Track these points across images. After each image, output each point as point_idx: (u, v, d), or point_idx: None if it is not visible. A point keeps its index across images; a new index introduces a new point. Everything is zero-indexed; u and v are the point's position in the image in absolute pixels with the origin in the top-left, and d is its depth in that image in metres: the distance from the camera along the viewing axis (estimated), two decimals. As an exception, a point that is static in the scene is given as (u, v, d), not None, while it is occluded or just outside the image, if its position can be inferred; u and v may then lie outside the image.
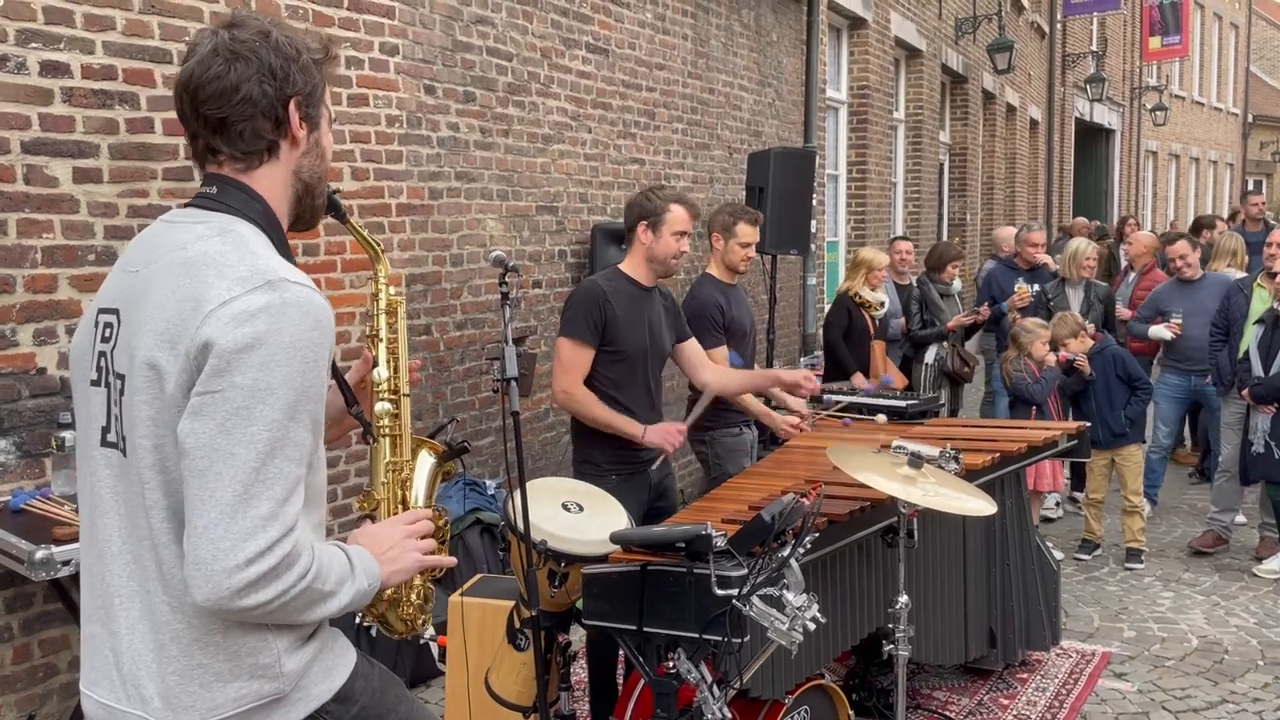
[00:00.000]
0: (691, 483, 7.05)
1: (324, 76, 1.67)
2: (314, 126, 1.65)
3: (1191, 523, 6.50)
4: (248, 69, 1.55)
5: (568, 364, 3.51)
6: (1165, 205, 24.81)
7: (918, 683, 4.17)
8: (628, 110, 6.28)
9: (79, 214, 3.41)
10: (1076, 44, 18.63)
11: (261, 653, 1.53)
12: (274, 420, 1.42)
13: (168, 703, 1.51)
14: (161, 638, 1.51)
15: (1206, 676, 4.32)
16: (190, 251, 1.51)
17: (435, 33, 4.83)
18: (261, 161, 1.61)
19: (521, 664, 2.79)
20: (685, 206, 3.67)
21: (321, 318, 1.50)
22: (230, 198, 1.59)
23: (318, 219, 1.75)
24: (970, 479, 3.38)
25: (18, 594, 3.27)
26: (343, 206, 1.90)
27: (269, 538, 1.41)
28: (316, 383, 1.49)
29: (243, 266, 1.47)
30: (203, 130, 1.59)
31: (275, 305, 1.44)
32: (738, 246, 4.36)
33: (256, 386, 1.41)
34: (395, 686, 1.78)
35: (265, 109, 1.57)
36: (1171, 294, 6.55)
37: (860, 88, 9.94)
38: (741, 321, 4.37)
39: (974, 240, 13.64)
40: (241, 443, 1.41)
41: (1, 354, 3.22)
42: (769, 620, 2.28)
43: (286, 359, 1.43)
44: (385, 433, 1.88)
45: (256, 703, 1.53)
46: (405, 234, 4.71)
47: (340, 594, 1.53)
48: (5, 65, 3.20)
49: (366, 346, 1.93)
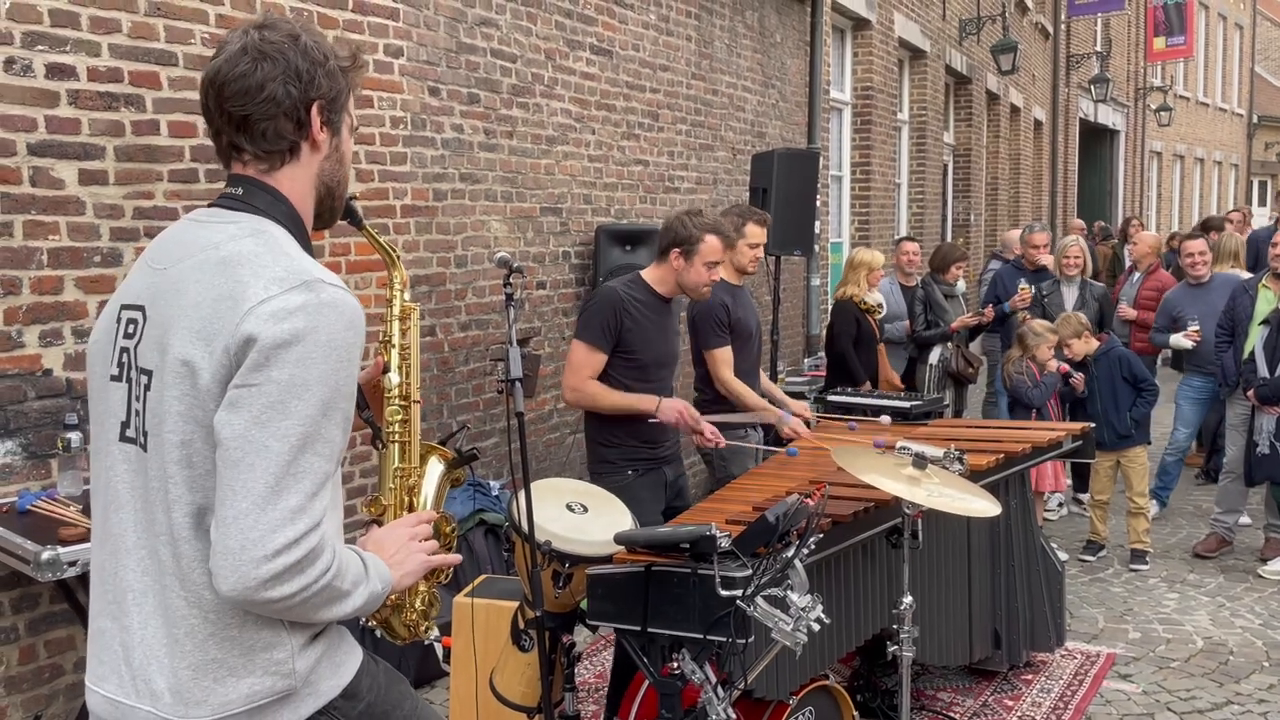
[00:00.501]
0: (695, 484, 7.05)
1: (350, 84, 1.68)
2: (335, 132, 1.67)
3: (1197, 524, 6.48)
4: (274, 69, 1.57)
5: (578, 365, 3.57)
6: (1170, 206, 24.78)
7: (922, 684, 4.17)
8: (632, 111, 6.28)
9: (85, 216, 3.42)
10: (1081, 44, 18.62)
11: (276, 648, 1.54)
12: (308, 415, 1.45)
13: (179, 697, 1.51)
14: (176, 632, 1.52)
15: (1212, 678, 4.32)
16: (224, 251, 1.53)
17: (439, 34, 4.84)
18: (284, 162, 1.63)
19: (526, 664, 2.79)
20: (720, 237, 3.72)
21: (354, 318, 1.53)
22: (257, 199, 1.61)
23: (335, 220, 1.78)
24: (974, 480, 3.38)
25: (24, 595, 3.28)
26: (360, 213, 1.92)
27: (298, 530, 1.43)
28: (348, 381, 1.52)
29: (278, 267, 1.50)
30: (226, 127, 1.61)
31: (313, 305, 1.47)
32: (746, 247, 4.36)
33: (293, 382, 1.44)
34: (400, 684, 1.79)
35: (288, 109, 1.59)
36: (1183, 299, 6.51)
37: (864, 89, 9.93)
38: (747, 322, 4.37)
39: (978, 241, 13.63)
40: (275, 435, 1.43)
41: (8, 355, 3.23)
42: (773, 621, 2.29)
43: (323, 356, 1.46)
44: (395, 438, 1.88)
45: (267, 699, 1.54)
46: (410, 235, 4.72)
47: (355, 595, 1.55)
48: (12, 67, 3.22)
49: (379, 351, 1.94)
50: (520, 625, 2.80)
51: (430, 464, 1.99)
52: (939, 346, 6.92)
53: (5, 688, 3.24)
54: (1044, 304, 6.56)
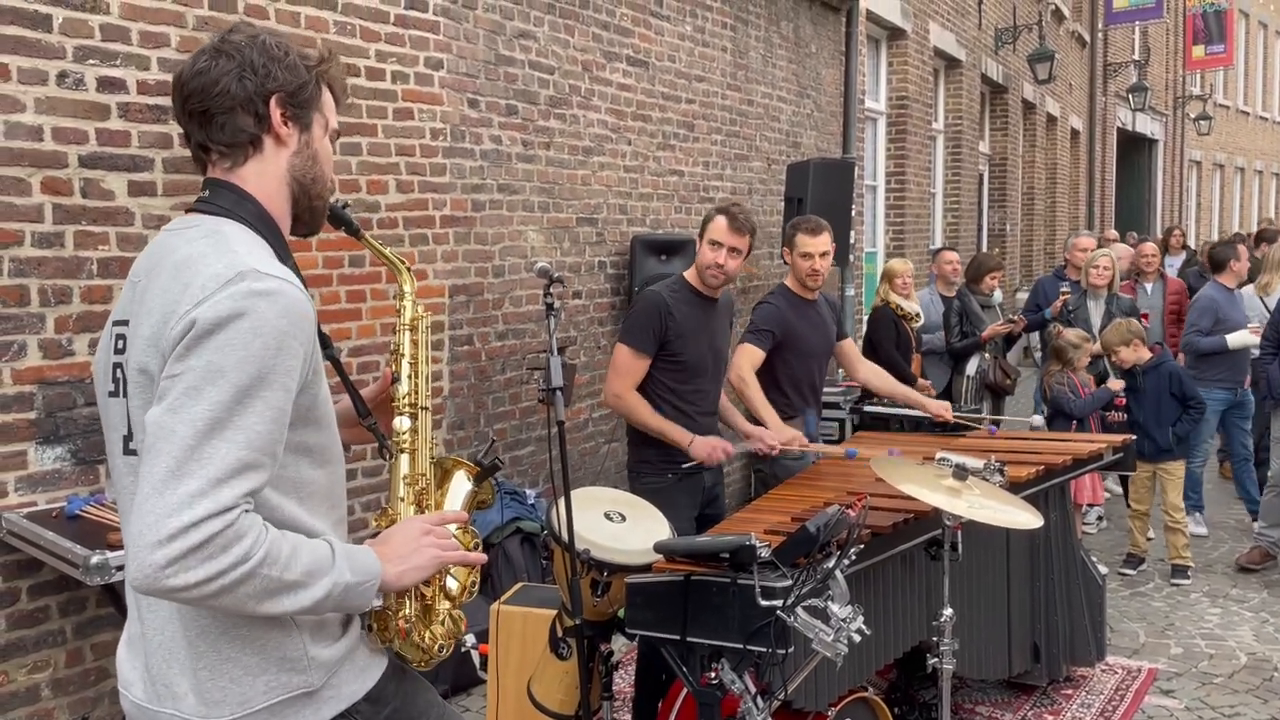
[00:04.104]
0: (731, 494, 7.04)
1: (318, 80, 1.68)
2: (304, 128, 1.67)
3: (1240, 538, 6.39)
4: (229, 64, 1.60)
5: (622, 370, 3.56)
6: (1210, 216, 24.45)
7: (960, 697, 4.14)
8: (667, 122, 6.30)
9: (133, 226, 3.48)
10: (1118, 53, 18.45)
11: (287, 645, 1.55)
12: (218, 401, 1.41)
13: (201, 698, 1.53)
14: (190, 634, 1.54)
15: (1256, 694, 4.25)
16: (178, 255, 1.54)
17: (479, 47, 4.89)
18: (247, 157, 1.63)
19: (564, 673, 2.80)
20: (727, 217, 3.59)
21: (291, 307, 1.49)
22: (221, 199, 1.62)
23: (318, 223, 1.76)
24: (1015, 492, 3.35)
25: (71, 598, 3.34)
26: (355, 222, 1.89)
27: (194, 514, 1.37)
28: (280, 371, 1.46)
29: (219, 264, 1.49)
30: (189, 125, 1.64)
31: (241, 292, 1.45)
32: (799, 259, 4.12)
33: (209, 368, 1.42)
34: (426, 692, 1.79)
35: (243, 102, 1.60)
36: (1226, 300, 6.39)
37: (899, 98, 9.91)
38: (809, 340, 4.14)
39: (1014, 251, 13.52)
40: (183, 420, 1.40)
41: (58, 363, 3.30)
42: (814, 631, 2.28)
43: (244, 343, 1.43)
44: (404, 448, 1.82)
45: (286, 695, 1.55)
46: (449, 245, 4.76)
47: (313, 586, 1.48)
48: (64, 81, 3.29)
49: (387, 362, 1.91)
50: (558, 633, 2.82)
51: (455, 479, 1.93)
52: (976, 357, 6.87)
53: (52, 690, 3.30)
54: (1070, 316, 6.50)
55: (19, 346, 3.21)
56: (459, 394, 4.85)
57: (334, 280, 4.20)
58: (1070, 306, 6.59)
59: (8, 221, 3.18)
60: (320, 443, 1.59)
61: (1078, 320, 6.43)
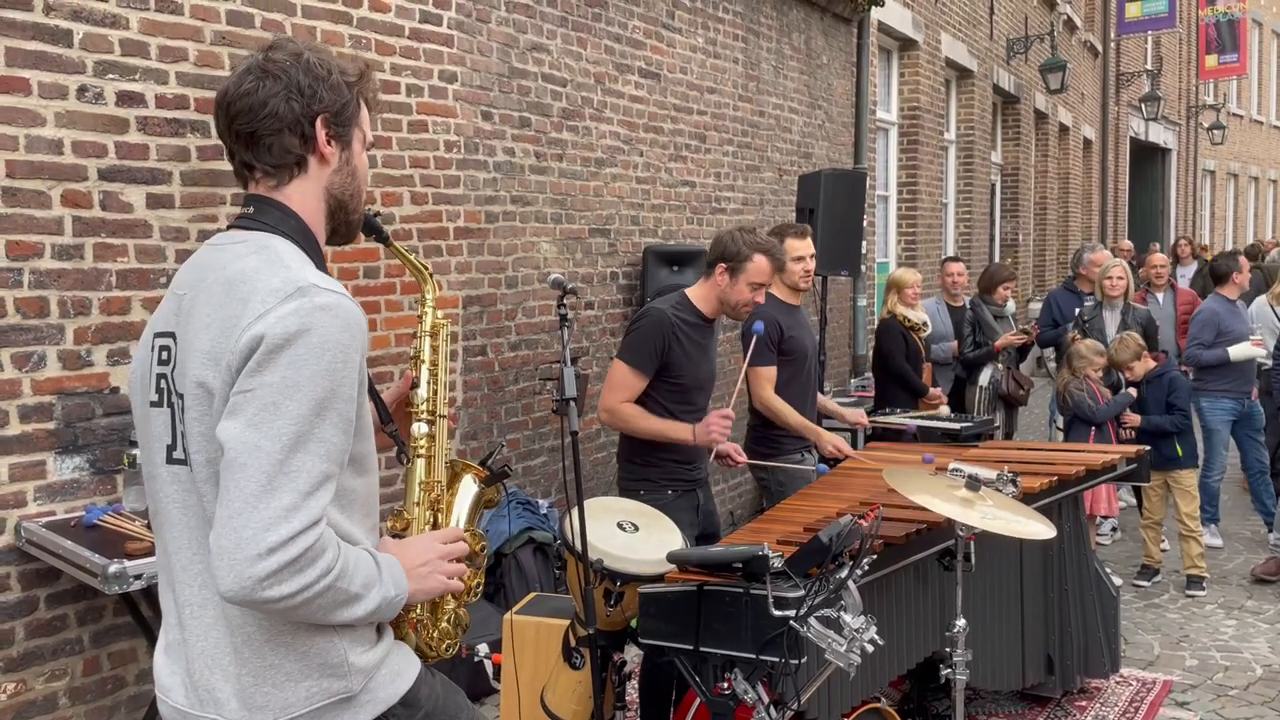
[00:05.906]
0: (742, 504, 7.05)
1: (358, 97, 1.71)
2: (345, 145, 1.70)
3: (1255, 550, 6.36)
4: (276, 85, 1.62)
5: (618, 385, 3.52)
6: (1224, 225, 24.35)
7: (973, 708, 4.12)
8: (679, 133, 6.33)
9: (152, 238, 3.52)
10: (1131, 63, 18.42)
11: (329, 652, 1.57)
12: (300, 415, 1.46)
13: (243, 703, 1.56)
14: (236, 641, 1.57)
15: (1271, 706, 4.22)
16: (230, 271, 1.58)
17: (492, 60, 4.93)
18: (292, 176, 1.67)
19: (577, 682, 2.81)
20: (770, 259, 3.61)
21: (350, 321, 1.54)
22: (266, 215, 1.65)
23: (353, 234, 1.80)
24: (1028, 502, 3.35)
25: (89, 607, 3.36)
26: (385, 230, 1.93)
27: (291, 528, 1.43)
28: (346, 384, 1.52)
29: (275, 279, 1.53)
30: (235, 145, 1.67)
31: (305, 309, 1.49)
32: (791, 263, 4.23)
33: (284, 383, 1.46)
34: (457, 695, 1.83)
35: (291, 123, 1.63)
36: (1228, 312, 6.39)
37: (911, 109, 9.92)
38: (803, 342, 4.30)
39: (1026, 261, 13.50)
40: (268, 435, 1.44)
41: (77, 374, 3.34)
42: (826, 642, 2.29)
43: (315, 358, 1.48)
44: (421, 453, 1.86)
45: (326, 700, 1.58)
46: (462, 257, 4.79)
47: (367, 598, 1.55)
48: (84, 95, 3.33)
49: (409, 367, 1.95)
50: (572, 643, 2.83)
51: (464, 482, 1.96)
52: (989, 368, 6.86)
53: (70, 698, 3.33)
54: (1085, 327, 6.49)
55: (39, 357, 3.25)
56: (472, 404, 4.87)
57: (349, 292, 4.23)
58: (1086, 316, 6.58)
59: (28, 234, 3.22)
60: (362, 452, 1.62)
61: (1093, 330, 6.42)
